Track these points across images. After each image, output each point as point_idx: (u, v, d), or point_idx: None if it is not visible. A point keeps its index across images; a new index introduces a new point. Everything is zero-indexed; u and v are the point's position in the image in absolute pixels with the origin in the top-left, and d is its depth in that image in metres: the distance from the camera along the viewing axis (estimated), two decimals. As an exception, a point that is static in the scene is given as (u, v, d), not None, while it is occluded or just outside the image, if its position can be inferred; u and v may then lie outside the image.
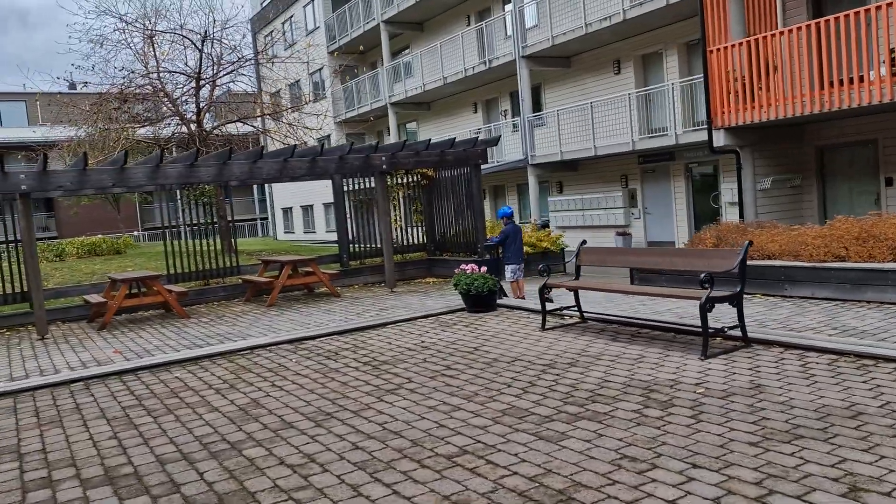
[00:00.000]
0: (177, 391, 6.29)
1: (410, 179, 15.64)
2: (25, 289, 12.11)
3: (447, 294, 11.80)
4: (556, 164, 19.53)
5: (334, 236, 34.41)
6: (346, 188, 15.05)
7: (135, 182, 11.05)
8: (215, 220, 14.03)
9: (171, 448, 4.71)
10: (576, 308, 7.88)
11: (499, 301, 9.30)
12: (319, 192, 32.59)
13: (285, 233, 37.44)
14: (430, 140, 13.69)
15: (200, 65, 16.48)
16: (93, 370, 7.35)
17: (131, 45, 17.44)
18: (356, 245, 15.13)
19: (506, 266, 11.02)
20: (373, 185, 15.23)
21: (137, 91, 17.14)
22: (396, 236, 15.53)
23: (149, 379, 6.89)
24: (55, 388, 6.81)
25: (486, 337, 7.61)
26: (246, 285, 13.55)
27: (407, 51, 26.71)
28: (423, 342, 7.62)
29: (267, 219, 48.51)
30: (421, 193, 15.79)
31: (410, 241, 15.73)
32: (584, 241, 8.02)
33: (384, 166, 13.09)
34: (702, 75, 13.25)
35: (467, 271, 9.07)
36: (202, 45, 16.34)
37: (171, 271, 13.10)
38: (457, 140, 13.90)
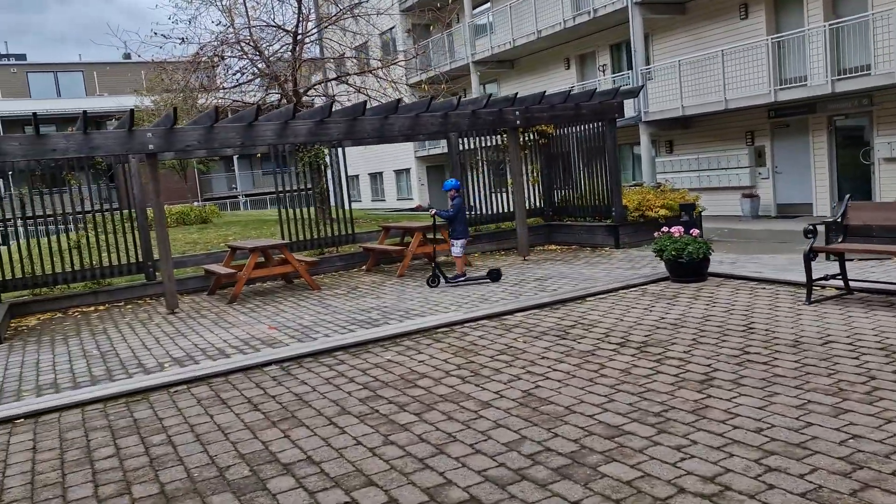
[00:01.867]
0: (407, 377, 5.23)
1: (527, 138, 14.34)
2: (141, 259, 11.28)
3: (594, 262, 10.61)
4: (668, 122, 18.03)
5: (406, 204, 33.50)
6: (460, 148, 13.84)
7: (262, 140, 9.98)
8: (324, 183, 12.98)
9: (496, 463, 3.63)
10: (839, 276, 6.59)
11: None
12: (392, 157, 31.42)
13: (351, 202, 36.47)
14: (570, 91, 12.37)
15: (299, 17, 15.30)
16: (284, 351, 6.34)
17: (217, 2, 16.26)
18: (474, 210, 13.95)
19: (454, 241, 9.86)
20: (481, 143, 14.04)
21: (228, 50, 16.00)
22: (509, 201, 14.32)
23: (355, 361, 5.85)
24: (249, 373, 5.82)
25: (740, 312, 6.39)
26: (365, 254, 12.54)
27: (486, 6, 25.17)
28: (662, 318, 6.44)
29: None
30: (539, 153, 14.50)
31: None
32: (849, 196, 6.70)
33: (518, 122, 11.84)
34: (855, 16, 11.61)
35: (674, 234, 7.83)
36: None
37: (288, 239, 12.12)
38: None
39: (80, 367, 6.85)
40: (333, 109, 10.36)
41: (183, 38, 15.46)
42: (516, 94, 11.81)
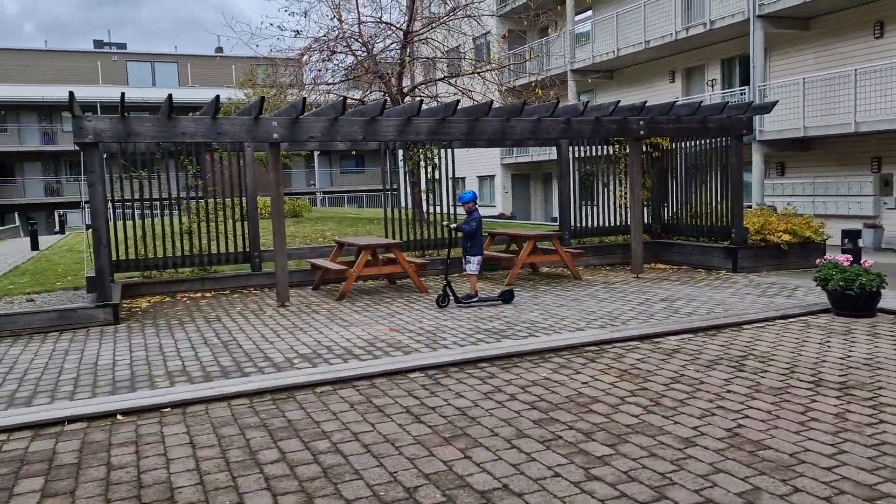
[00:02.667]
0: (577, 399, 4.75)
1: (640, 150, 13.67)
2: (248, 248, 11.18)
3: (717, 286, 9.89)
4: (783, 143, 17.04)
5: (487, 211, 33.05)
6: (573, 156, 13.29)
7: (383, 135, 9.70)
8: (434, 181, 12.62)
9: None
10: None
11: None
12: (476, 162, 31.05)
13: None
14: (700, 102, 11.70)
15: (411, 15, 15.07)
16: (426, 358, 5.93)
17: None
18: (578, 222, 13.39)
19: (469, 258, 8.97)
20: (592, 153, 13.47)
21: (336, 45, 15.90)
22: (619, 215, 13.70)
23: (508, 376, 5.40)
24: (394, 378, 5.44)
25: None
26: (469, 259, 12.13)
27: (586, 13, 24.55)
28: (847, 356, 5.74)
29: (398, 190, 47.76)
30: (651, 166, 13.82)
31: (624, 220, 13.79)
32: None
33: (641, 131, 11.24)
34: None
35: (842, 263, 7.11)
36: (415, -7, 14.86)
37: (391, 239, 11.82)
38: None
39: (205, 356, 6.64)
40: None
41: (297, 31, 15.42)
42: (645, 102, 11.21)
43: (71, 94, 7.89)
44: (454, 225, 9.08)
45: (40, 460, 4.00)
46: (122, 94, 8.27)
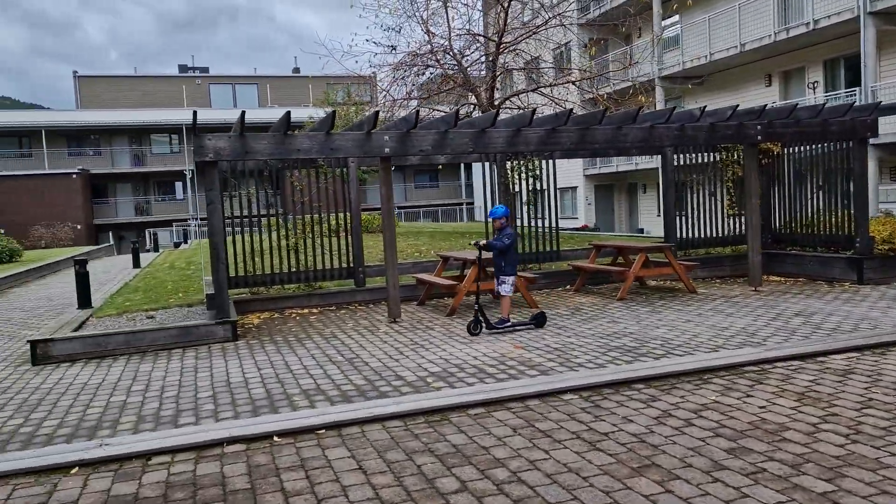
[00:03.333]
0: (763, 426, 4.34)
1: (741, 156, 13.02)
2: (352, 263, 11.14)
3: (847, 299, 9.18)
4: (899, 146, 16.02)
5: (570, 223, 32.57)
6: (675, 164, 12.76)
7: (493, 146, 9.48)
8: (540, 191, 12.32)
9: None
10: None
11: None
12: (558, 174, 30.71)
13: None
14: (824, 104, 11.03)
15: (504, 25, 14.89)
16: (576, 378, 5.61)
17: (415, 13, 16.14)
18: (684, 233, 12.83)
19: (503, 278, 8.19)
20: (697, 160, 12.89)
21: (428, 59, 15.85)
22: (727, 225, 13.06)
23: (672, 399, 5.03)
24: (546, 399, 5.15)
25: None
26: (571, 273, 11.78)
27: (673, 18, 23.88)
28: None
29: (472, 204, 47.72)
30: (760, 173, 13.12)
31: (732, 230, 13.12)
32: None
33: (759, 136, 10.65)
34: None
35: None
36: (508, 4, 14.64)
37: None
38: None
39: (335, 374, 6.52)
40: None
41: (393, 46, 15.44)
42: (765, 106, 10.63)
43: (194, 113, 8.00)
44: (483, 242, 8.19)
45: (212, 484, 3.89)
46: (243, 112, 8.33)
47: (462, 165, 46.73)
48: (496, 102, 15.65)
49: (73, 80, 44.61)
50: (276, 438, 4.58)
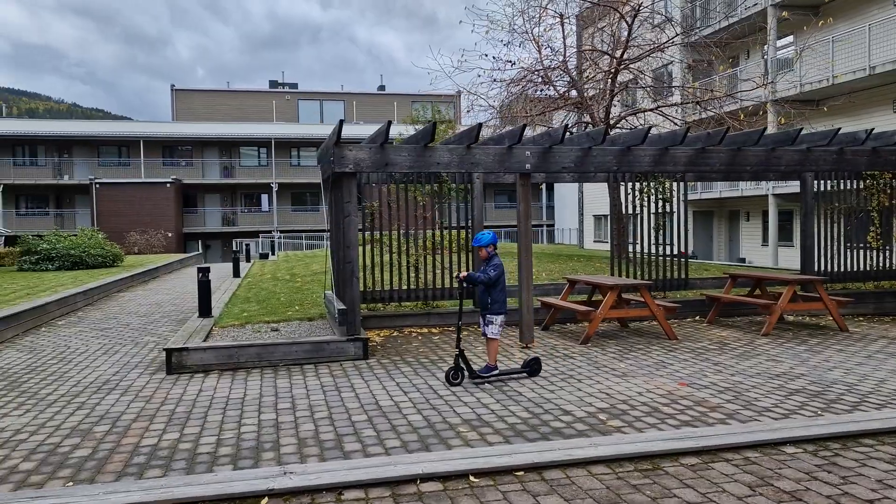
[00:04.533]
0: None
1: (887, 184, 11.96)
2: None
3: None
4: None
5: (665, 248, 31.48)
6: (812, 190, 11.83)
7: (638, 165, 8.91)
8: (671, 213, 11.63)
9: None
10: None
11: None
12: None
13: (595, 241, 35.12)
14: None
15: (628, 41, 14.33)
16: (816, 426, 4.95)
17: (528, 31, 15.75)
18: (822, 265, 11.85)
19: (490, 316, 6.95)
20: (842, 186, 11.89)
21: (539, 75, 15.43)
22: (866, 257, 12.02)
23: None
24: (764, 451, 4.52)
25: None
26: (704, 302, 11.02)
27: (787, 38, 22.76)
28: None
29: (553, 225, 46.94)
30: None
31: (876, 264, 12.04)
32: None
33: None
34: None
35: None
36: (633, 20, 14.10)
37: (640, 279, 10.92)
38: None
39: (489, 402, 6.08)
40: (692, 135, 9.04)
41: (512, 62, 15.10)
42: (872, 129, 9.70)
43: (340, 122, 7.75)
44: (463, 274, 6.86)
45: (426, 532, 3.44)
46: (388, 122, 8.03)
47: (545, 186, 46.08)
48: (612, 121, 15.05)
49: (171, 94, 46.36)
50: (472, 479, 4.11)
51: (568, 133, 8.79)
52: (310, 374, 7.43)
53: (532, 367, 7.03)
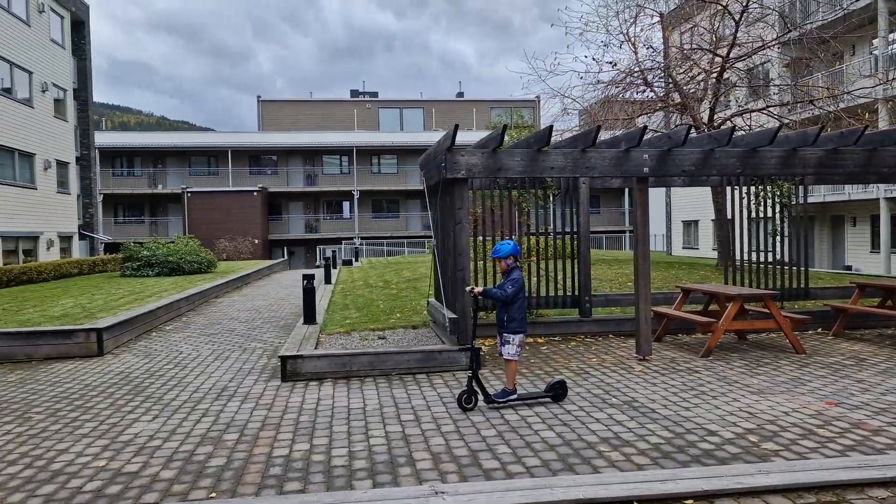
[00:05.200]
0: None
1: None
2: (577, 291, 10.35)
3: None
4: None
5: (699, 254, 30.35)
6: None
7: (764, 167, 8.36)
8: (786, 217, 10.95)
9: None
10: None
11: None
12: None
13: (684, 248, 33.93)
14: None
15: (734, 38, 13.68)
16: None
17: (627, 31, 15.22)
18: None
19: (508, 335, 6.31)
20: None
21: (637, 77, 14.89)
22: None
23: None
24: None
25: None
26: (827, 314, 10.30)
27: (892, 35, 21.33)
28: None
29: (634, 231, 45.62)
30: None
31: None
32: None
33: None
34: None
35: None
36: (741, 16, 13.44)
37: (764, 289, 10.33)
38: None
39: (623, 420, 5.76)
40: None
41: (613, 62, 14.64)
42: None
43: (455, 127, 7.58)
44: (479, 289, 6.30)
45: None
46: (504, 126, 7.81)
47: (626, 191, 44.97)
48: (716, 122, 14.37)
49: (257, 105, 47.82)
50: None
51: (662, 134, 8.33)
52: (424, 385, 7.27)
53: (556, 392, 6.34)
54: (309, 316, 10.37)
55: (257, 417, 6.17)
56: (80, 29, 29.83)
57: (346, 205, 44.44)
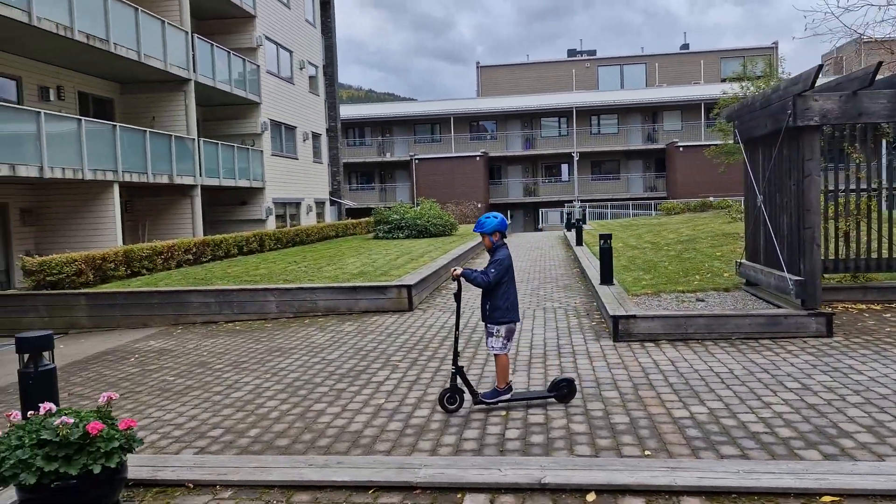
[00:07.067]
0: None
1: None
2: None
3: None
4: None
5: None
6: None
7: None
8: None
9: None
10: None
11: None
12: None
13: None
14: None
15: None
16: None
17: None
18: None
19: (492, 326, 5.27)
20: None
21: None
22: None
23: None
24: None
25: None
26: None
27: None
28: None
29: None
30: None
31: None
32: None
33: None
34: None
35: None
36: None
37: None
38: None
39: None
40: None
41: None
42: None
43: (819, 67, 6.79)
44: (458, 271, 5.18)
45: None
46: (879, 62, 6.87)
47: (884, 141, 39.52)
48: None
49: (476, 71, 48.60)
50: None
51: None
52: (778, 350, 6.72)
53: (562, 391, 5.29)
54: (606, 276, 10.16)
55: (620, 377, 6.05)
56: (326, 8, 32.03)
57: (564, 167, 43.88)
